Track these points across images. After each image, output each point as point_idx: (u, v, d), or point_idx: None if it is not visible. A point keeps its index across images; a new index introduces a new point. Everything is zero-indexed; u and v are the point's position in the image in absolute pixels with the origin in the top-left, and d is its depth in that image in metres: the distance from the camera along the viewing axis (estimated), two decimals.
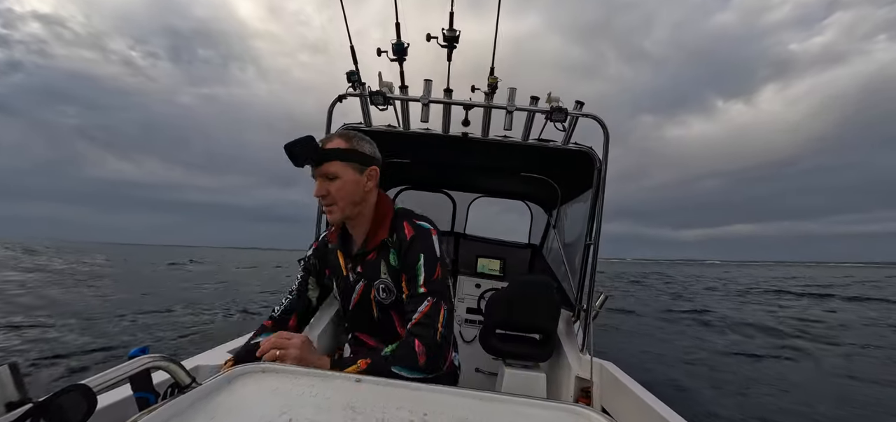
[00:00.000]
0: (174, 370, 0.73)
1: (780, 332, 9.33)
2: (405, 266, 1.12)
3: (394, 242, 1.16)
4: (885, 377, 6.00)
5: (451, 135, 2.32)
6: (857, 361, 6.99)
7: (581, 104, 2.09)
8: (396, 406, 0.72)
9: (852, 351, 7.70)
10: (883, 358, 7.18)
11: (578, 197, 2.67)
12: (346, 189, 1.10)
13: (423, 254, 1.11)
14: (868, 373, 6.21)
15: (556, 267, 3.08)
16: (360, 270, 1.20)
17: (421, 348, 1.00)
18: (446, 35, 2.02)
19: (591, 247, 2.17)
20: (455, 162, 2.86)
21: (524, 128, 2.22)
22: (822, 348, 7.90)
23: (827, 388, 5.59)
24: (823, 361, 6.96)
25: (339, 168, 1.10)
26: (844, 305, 14.83)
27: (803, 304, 15.33)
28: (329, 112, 2.20)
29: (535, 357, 2.25)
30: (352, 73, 2.10)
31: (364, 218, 1.18)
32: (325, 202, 1.11)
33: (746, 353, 7.43)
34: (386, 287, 1.15)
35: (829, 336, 8.95)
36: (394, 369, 0.97)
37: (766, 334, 9.16)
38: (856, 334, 9.37)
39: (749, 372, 6.30)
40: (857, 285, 24.92)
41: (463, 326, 3.08)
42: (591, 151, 2.19)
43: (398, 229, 1.17)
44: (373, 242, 1.17)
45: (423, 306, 1.06)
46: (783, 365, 6.74)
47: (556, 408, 0.81)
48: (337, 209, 1.11)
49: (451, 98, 2.16)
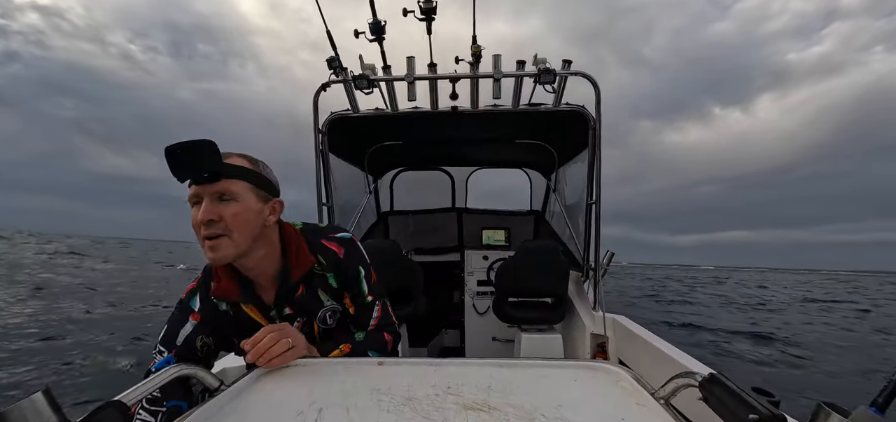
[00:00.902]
0: (202, 376, 0.74)
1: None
2: (348, 285, 1.06)
3: (325, 265, 1.03)
4: None
5: (441, 110, 2.29)
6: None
7: (568, 63, 2.06)
8: (420, 382, 0.74)
9: None
10: None
11: (575, 158, 2.67)
12: (245, 217, 0.86)
13: (360, 266, 1.06)
14: None
15: (561, 230, 3.10)
16: (289, 311, 1.01)
17: (389, 338, 1.09)
18: (423, 7, 1.96)
19: (592, 206, 2.18)
20: (448, 137, 2.84)
21: (513, 94, 2.19)
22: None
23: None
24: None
25: (241, 189, 0.86)
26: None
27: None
28: (314, 102, 2.16)
29: (549, 320, 2.30)
30: (332, 60, 2.05)
31: (269, 254, 0.95)
32: (211, 231, 0.84)
33: None
34: (332, 311, 1.06)
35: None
36: (369, 354, 1.03)
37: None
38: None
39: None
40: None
41: (476, 298, 3.12)
42: (584, 110, 2.17)
43: (322, 251, 1.02)
44: (298, 274, 0.98)
45: (376, 311, 1.10)
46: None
47: (576, 366, 0.84)
48: (230, 243, 0.85)
49: (436, 73, 2.12)
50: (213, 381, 0.75)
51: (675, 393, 0.67)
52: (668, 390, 0.67)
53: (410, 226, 3.53)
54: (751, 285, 19.25)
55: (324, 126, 2.24)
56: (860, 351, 8.07)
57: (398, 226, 3.54)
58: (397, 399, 0.67)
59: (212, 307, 0.99)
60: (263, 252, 0.93)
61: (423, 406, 0.64)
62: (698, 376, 0.63)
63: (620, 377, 0.77)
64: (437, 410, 0.63)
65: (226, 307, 1.00)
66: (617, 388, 0.73)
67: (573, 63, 2.04)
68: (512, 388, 0.72)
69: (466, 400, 0.67)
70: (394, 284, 2.42)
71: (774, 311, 14.20)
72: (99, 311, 8.80)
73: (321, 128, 2.23)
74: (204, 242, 0.85)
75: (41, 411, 0.49)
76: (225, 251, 0.85)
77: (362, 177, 3.18)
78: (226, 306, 1.00)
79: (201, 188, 0.83)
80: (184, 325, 0.96)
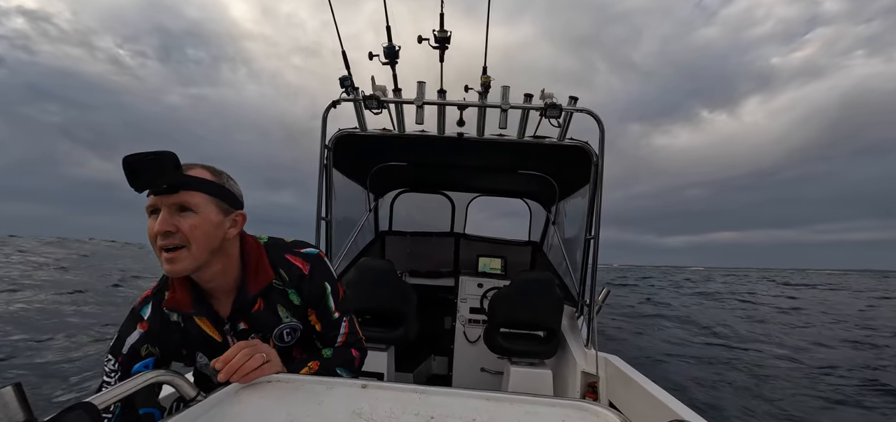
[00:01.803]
0: (179, 384, 0.72)
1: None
2: (313, 301, 1.03)
3: (287, 281, 1.00)
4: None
5: (447, 136, 2.32)
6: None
7: (575, 99, 2.10)
8: (402, 410, 0.72)
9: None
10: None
11: (576, 192, 2.68)
12: (204, 229, 0.84)
13: (326, 282, 1.04)
14: None
15: (558, 263, 3.08)
16: (244, 326, 0.98)
17: (357, 355, 1.09)
18: (437, 36, 2.02)
19: (591, 242, 2.18)
20: (452, 163, 2.86)
21: (519, 126, 2.23)
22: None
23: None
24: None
25: (201, 201, 0.85)
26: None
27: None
28: (324, 118, 2.20)
29: (540, 354, 2.25)
30: (345, 79, 2.10)
31: (226, 268, 0.93)
32: (168, 243, 0.82)
33: None
34: (291, 329, 1.02)
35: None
36: (337, 371, 1.02)
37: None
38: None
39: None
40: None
41: (467, 326, 3.08)
42: (587, 146, 2.19)
43: (285, 266, 1.00)
44: (256, 287, 0.96)
45: (343, 328, 1.08)
46: None
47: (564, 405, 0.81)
48: (188, 255, 0.83)
49: (445, 99, 2.16)
50: (190, 390, 0.73)
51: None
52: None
53: (407, 247, 3.52)
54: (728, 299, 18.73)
55: (330, 142, 2.27)
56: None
57: (395, 246, 3.53)
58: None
59: (162, 317, 0.96)
60: (221, 266, 0.91)
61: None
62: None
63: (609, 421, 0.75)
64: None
65: (177, 318, 0.97)
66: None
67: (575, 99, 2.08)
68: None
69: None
70: (386, 305, 2.39)
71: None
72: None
73: (328, 143, 2.26)
74: (161, 254, 0.83)
75: (9, 405, 0.48)
76: (183, 264, 0.83)
77: (364, 194, 3.20)
78: (177, 317, 0.97)
79: (159, 199, 0.82)
80: (131, 333, 0.94)
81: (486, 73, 2.09)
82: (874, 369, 6.78)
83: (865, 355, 7.86)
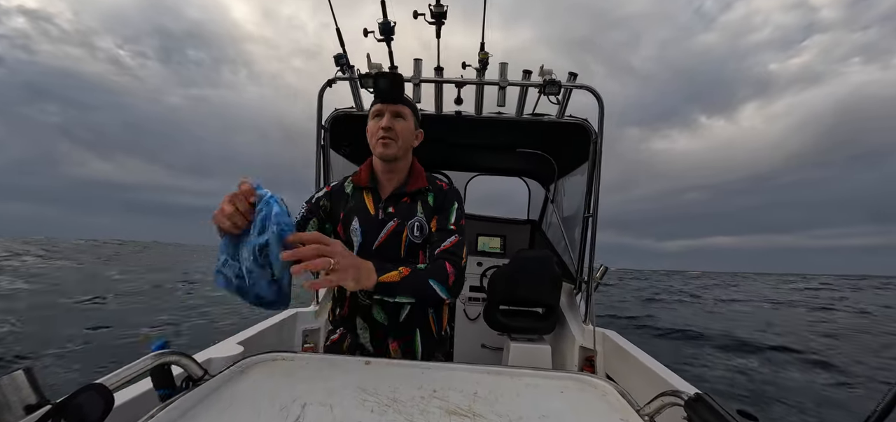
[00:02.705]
0: (186, 364, 0.74)
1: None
2: (440, 208, 1.24)
3: (430, 189, 1.28)
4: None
5: (445, 114, 2.29)
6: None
7: (574, 75, 2.07)
8: (406, 385, 0.74)
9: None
10: None
11: (575, 170, 2.67)
12: (407, 133, 1.22)
13: (456, 201, 1.26)
14: None
15: (556, 241, 3.10)
16: (391, 210, 1.24)
17: (451, 270, 1.09)
18: (434, 11, 1.97)
19: (589, 219, 2.19)
20: (450, 141, 2.84)
21: (518, 103, 2.20)
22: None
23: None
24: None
25: (408, 114, 1.23)
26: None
27: None
28: (319, 97, 2.17)
29: (539, 330, 2.30)
30: (340, 57, 2.06)
31: (403, 167, 1.27)
32: (387, 135, 1.17)
33: None
34: (420, 225, 1.21)
35: None
36: (430, 282, 1.04)
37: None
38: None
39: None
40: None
41: (467, 304, 3.12)
42: (587, 123, 2.18)
43: (433, 182, 1.30)
44: (412, 187, 1.26)
45: (451, 239, 1.17)
46: None
47: (562, 377, 0.84)
48: (395, 145, 1.19)
49: (441, 77, 2.13)
50: (197, 369, 0.74)
51: (661, 411, 0.67)
52: (654, 407, 0.67)
53: None
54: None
55: (327, 122, 2.25)
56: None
57: None
58: (382, 400, 0.67)
59: (340, 188, 1.32)
60: (403, 163, 1.26)
61: (407, 408, 0.64)
62: (684, 396, 0.63)
63: (606, 392, 0.77)
64: (422, 413, 0.63)
65: (349, 191, 1.31)
66: (602, 402, 0.73)
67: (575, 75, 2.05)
68: (498, 395, 0.72)
69: (451, 405, 0.66)
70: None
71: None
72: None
73: (324, 123, 2.24)
74: (378, 141, 1.18)
75: (21, 388, 0.49)
76: (390, 149, 1.18)
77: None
78: (349, 190, 1.31)
79: (385, 106, 1.19)
80: (319, 192, 1.32)
81: (483, 49, 2.05)
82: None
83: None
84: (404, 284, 0.98)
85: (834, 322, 12.97)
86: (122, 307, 9.58)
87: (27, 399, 0.49)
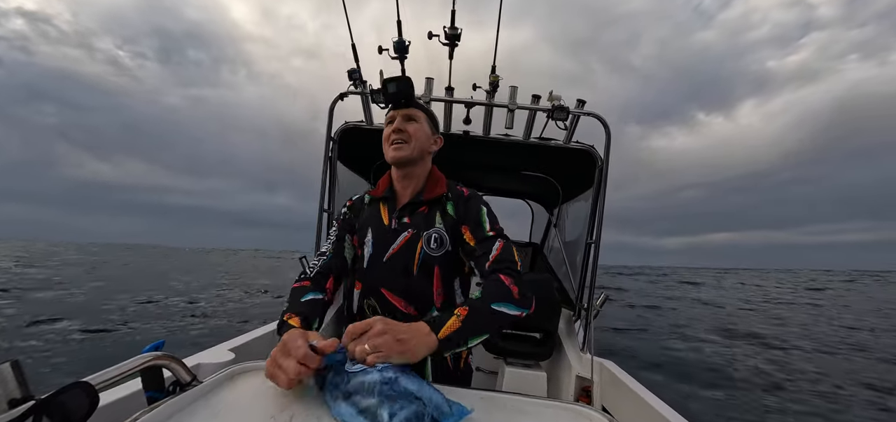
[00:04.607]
0: (175, 368, 0.73)
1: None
2: (467, 215, 1.13)
3: (450, 197, 1.18)
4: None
5: (453, 133, 2.31)
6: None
7: (582, 103, 2.08)
8: None
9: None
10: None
11: (580, 196, 2.67)
12: (421, 135, 1.17)
13: (482, 206, 1.16)
14: None
15: (558, 266, 3.08)
16: (406, 219, 1.16)
17: (509, 281, 0.97)
18: (448, 33, 2.01)
19: (592, 246, 2.17)
20: (456, 160, 2.86)
21: (526, 126, 2.22)
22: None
23: None
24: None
25: (421, 117, 1.19)
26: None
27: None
28: (330, 110, 2.20)
29: (535, 356, 2.25)
30: (353, 72, 2.09)
31: (420, 174, 1.20)
32: (399, 138, 1.14)
33: None
34: (438, 237, 1.11)
35: None
36: (494, 308, 0.91)
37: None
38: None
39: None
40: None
41: None
42: (593, 150, 2.18)
43: (453, 189, 1.21)
44: (429, 194, 1.18)
45: (497, 246, 1.05)
46: None
47: (556, 407, 0.81)
48: (407, 147, 1.14)
49: (452, 97, 2.16)
50: (185, 374, 0.73)
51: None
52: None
53: None
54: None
55: (336, 134, 2.27)
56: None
57: None
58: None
59: (360, 199, 1.30)
60: (420, 169, 1.20)
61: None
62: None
63: None
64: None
65: (367, 202, 1.27)
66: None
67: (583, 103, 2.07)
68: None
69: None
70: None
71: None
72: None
73: (333, 136, 2.26)
74: (391, 145, 1.15)
75: (7, 382, 0.48)
76: (403, 152, 1.14)
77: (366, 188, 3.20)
78: (367, 202, 1.27)
79: (397, 112, 1.18)
80: (343, 208, 1.30)
81: (494, 72, 2.08)
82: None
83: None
84: (468, 325, 0.86)
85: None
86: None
87: (12, 393, 0.48)
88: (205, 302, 12.52)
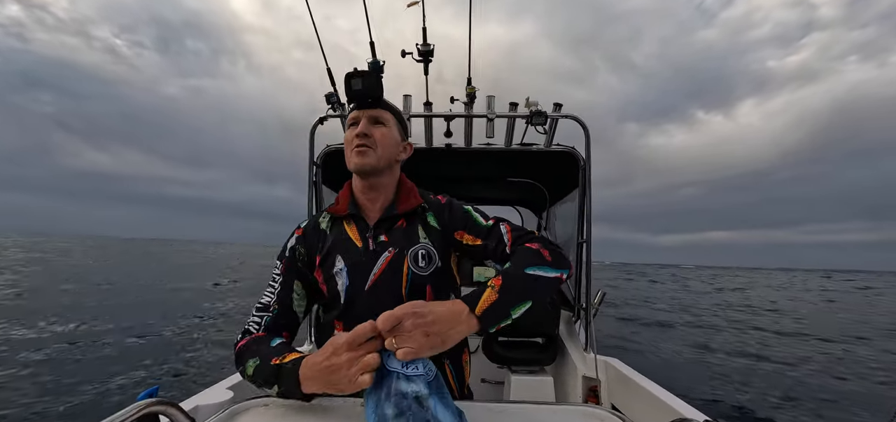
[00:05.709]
0: (172, 413, 0.70)
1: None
2: (455, 221, 1.03)
3: (427, 207, 1.06)
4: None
5: (435, 147, 2.33)
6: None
7: (559, 106, 2.13)
8: None
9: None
10: None
11: (566, 197, 2.70)
12: (389, 141, 1.02)
13: (466, 206, 1.06)
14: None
15: None
16: (384, 238, 1.00)
17: (537, 246, 0.90)
18: (421, 50, 2.04)
19: (583, 245, 2.19)
20: (441, 174, 2.87)
21: (506, 134, 2.24)
22: None
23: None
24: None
25: (390, 120, 1.04)
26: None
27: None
28: (311, 134, 2.19)
29: (540, 361, 2.24)
30: (331, 95, 2.09)
31: (388, 184, 1.06)
32: (363, 143, 0.98)
33: None
34: (426, 253, 0.98)
35: None
36: (528, 271, 0.83)
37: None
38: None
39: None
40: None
41: None
42: (574, 151, 2.22)
43: (427, 198, 1.08)
44: (404, 207, 1.03)
45: (504, 228, 1.00)
46: None
47: (566, 411, 0.81)
48: (373, 154, 0.98)
49: (431, 111, 2.17)
50: (184, 419, 0.70)
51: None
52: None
53: None
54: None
55: (318, 158, 2.26)
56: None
57: None
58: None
59: (314, 224, 1.07)
60: (387, 179, 1.05)
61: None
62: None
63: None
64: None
65: (325, 226, 1.06)
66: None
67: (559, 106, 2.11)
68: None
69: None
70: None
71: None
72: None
73: (316, 160, 2.25)
74: (354, 150, 0.99)
75: None
76: (368, 159, 0.98)
77: None
78: (325, 225, 1.06)
79: (361, 112, 1.01)
80: (290, 239, 1.06)
81: (470, 83, 2.11)
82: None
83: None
84: (506, 292, 0.78)
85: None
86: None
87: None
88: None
